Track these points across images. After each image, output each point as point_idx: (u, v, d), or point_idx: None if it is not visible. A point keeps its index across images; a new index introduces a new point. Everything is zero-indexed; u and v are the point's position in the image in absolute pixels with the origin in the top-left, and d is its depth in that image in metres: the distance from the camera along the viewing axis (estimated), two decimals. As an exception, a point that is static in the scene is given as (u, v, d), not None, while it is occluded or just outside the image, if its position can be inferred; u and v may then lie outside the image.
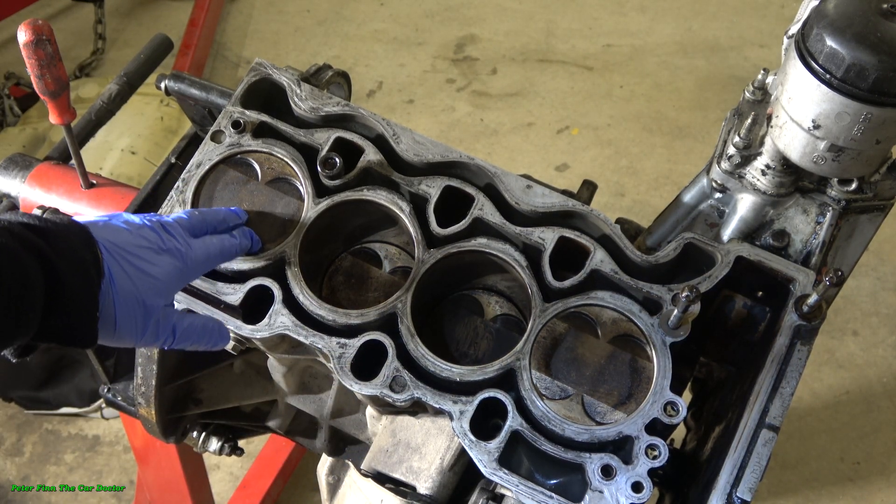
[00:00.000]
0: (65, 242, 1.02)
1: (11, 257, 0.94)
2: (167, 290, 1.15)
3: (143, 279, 1.11)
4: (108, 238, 1.10)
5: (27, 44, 1.38)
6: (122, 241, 1.12)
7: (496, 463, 1.22)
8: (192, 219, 1.26)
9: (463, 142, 4.00)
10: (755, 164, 1.39)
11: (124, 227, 1.15)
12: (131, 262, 1.11)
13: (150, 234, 1.17)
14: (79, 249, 1.04)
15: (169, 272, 1.15)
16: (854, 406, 3.14)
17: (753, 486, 1.19)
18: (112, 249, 1.09)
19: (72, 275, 1.00)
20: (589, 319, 1.32)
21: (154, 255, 1.14)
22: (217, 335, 1.25)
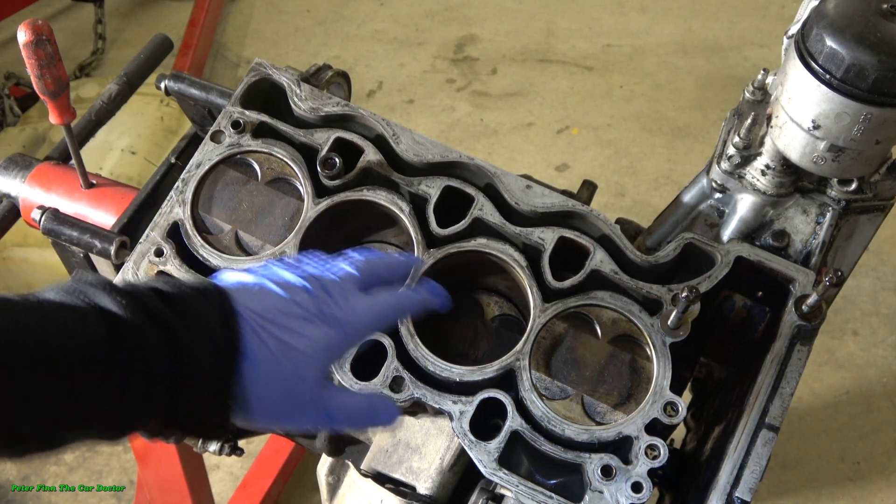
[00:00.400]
0: (197, 315, 0.87)
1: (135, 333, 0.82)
2: (320, 367, 0.96)
3: (289, 355, 0.92)
4: (251, 306, 0.92)
5: (27, 44, 1.38)
6: (269, 310, 0.92)
7: (496, 463, 1.22)
8: (361, 273, 1.03)
9: (463, 142, 4.00)
10: (755, 165, 1.39)
11: (275, 292, 0.95)
12: (276, 336, 0.91)
13: (306, 298, 0.96)
14: (213, 324, 0.88)
15: (324, 345, 0.95)
16: (854, 406, 3.13)
17: (753, 486, 1.19)
18: (254, 320, 0.91)
19: (199, 354, 0.86)
20: (589, 319, 1.32)
21: (306, 325, 0.94)
22: (384, 415, 1.05)
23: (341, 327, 0.97)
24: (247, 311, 0.91)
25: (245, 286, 0.95)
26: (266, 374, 0.90)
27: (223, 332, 0.88)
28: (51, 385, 0.77)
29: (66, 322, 0.80)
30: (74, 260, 1.61)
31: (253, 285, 0.96)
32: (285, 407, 0.94)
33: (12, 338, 0.77)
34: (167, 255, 1.36)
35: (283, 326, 0.92)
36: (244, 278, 0.97)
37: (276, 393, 0.92)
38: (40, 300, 0.83)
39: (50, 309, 0.82)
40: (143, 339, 0.82)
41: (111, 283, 0.86)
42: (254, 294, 0.94)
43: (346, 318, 0.98)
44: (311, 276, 0.99)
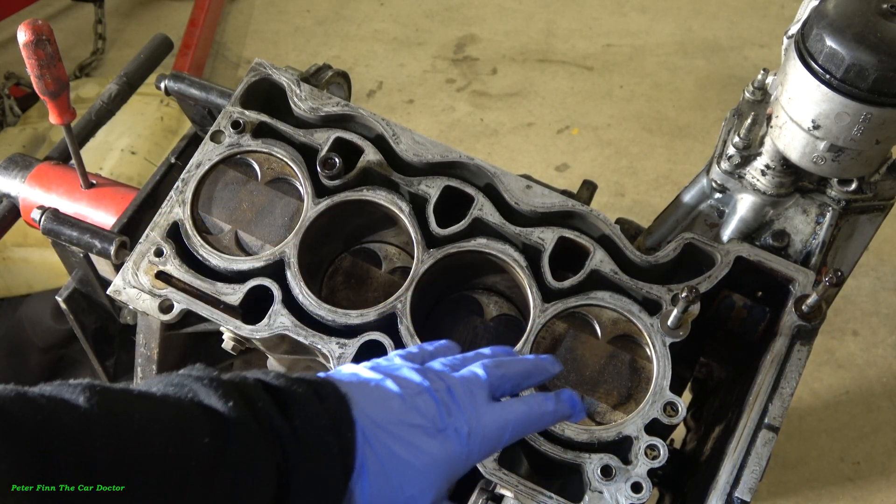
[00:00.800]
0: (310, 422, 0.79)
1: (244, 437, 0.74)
2: (435, 486, 0.85)
3: (405, 473, 0.83)
4: (370, 414, 0.83)
5: (27, 44, 1.38)
6: (389, 420, 0.83)
7: (496, 463, 1.22)
8: (490, 378, 0.93)
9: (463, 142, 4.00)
10: (755, 165, 1.39)
11: (396, 395, 0.85)
12: (393, 451, 0.82)
13: (430, 405, 0.86)
14: (326, 435, 0.79)
15: (442, 461, 0.85)
16: (854, 406, 3.13)
17: (753, 486, 1.19)
18: (371, 432, 0.82)
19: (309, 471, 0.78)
20: (588, 319, 1.32)
21: (426, 439, 0.84)
22: None
23: (463, 442, 0.87)
24: (364, 419, 0.82)
25: (363, 383, 0.87)
26: (378, 492, 0.83)
27: (337, 447, 0.80)
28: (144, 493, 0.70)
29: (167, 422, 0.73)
30: (74, 260, 1.61)
31: (372, 383, 0.87)
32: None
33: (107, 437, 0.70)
34: (167, 255, 1.36)
35: (402, 440, 0.83)
36: (363, 373, 0.89)
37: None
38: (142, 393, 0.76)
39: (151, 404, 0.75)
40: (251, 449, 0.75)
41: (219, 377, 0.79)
42: (372, 395, 0.85)
43: (469, 431, 0.88)
44: (436, 377, 0.90)
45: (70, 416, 0.69)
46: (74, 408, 0.70)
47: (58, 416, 0.68)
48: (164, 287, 1.34)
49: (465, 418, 0.88)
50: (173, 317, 1.33)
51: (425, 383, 0.88)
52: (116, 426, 0.71)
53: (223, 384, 0.78)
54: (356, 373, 0.89)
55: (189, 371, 0.82)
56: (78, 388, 0.72)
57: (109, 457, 0.69)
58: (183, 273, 1.35)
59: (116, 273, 1.38)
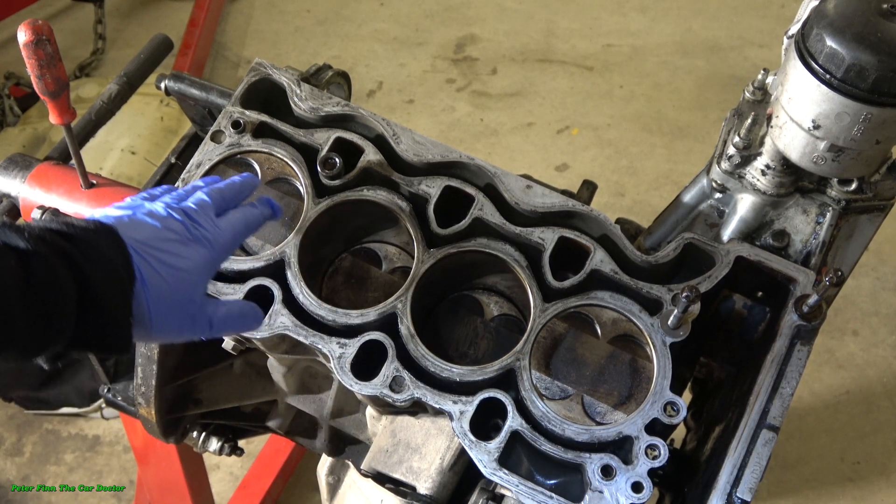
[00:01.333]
0: (94, 247, 0.98)
1: (44, 264, 0.92)
2: (199, 282, 1.11)
3: (174, 275, 1.06)
4: (134, 236, 1.04)
5: (27, 44, 1.38)
6: (149, 238, 1.06)
7: (496, 463, 1.22)
8: (213, 199, 1.19)
9: (463, 142, 4.00)
10: (755, 165, 1.39)
11: (150, 222, 1.09)
12: (161, 259, 1.05)
13: (177, 224, 1.10)
14: (108, 253, 1.00)
15: (199, 262, 1.10)
16: (854, 406, 3.13)
17: (753, 486, 1.19)
18: (140, 249, 1.04)
19: (103, 281, 0.96)
20: (589, 319, 1.32)
21: (182, 248, 1.09)
22: (253, 318, 1.21)
23: (212, 246, 1.12)
24: (132, 241, 1.03)
25: (122, 220, 1.07)
26: (158, 292, 1.03)
27: (118, 260, 1.00)
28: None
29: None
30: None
31: (127, 219, 1.08)
32: (176, 321, 1.07)
33: None
34: (167, 255, 1.35)
35: (166, 251, 1.06)
36: (117, 213, 1.09)
37: (167, 309, 1.05)
38: None
39: None
40: (51, 270, 0.92)
41: (17, 225, 0.96)
42: (135, 225, 1.07)
43: (213, 237, 1.13)
44: (174, 206, 1.13)
45: None
46: None
47: None
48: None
49: (206, 229, 1.13)
50: (173, 317, 1.33)
51: (168, 211, 1.11)
52: None
53: (20, 229, 0.95)
54: (109, 214, 1.09)
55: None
56: None
57: None
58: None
59: (117, 273, 1.38)
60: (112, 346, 1.00)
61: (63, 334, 0.94)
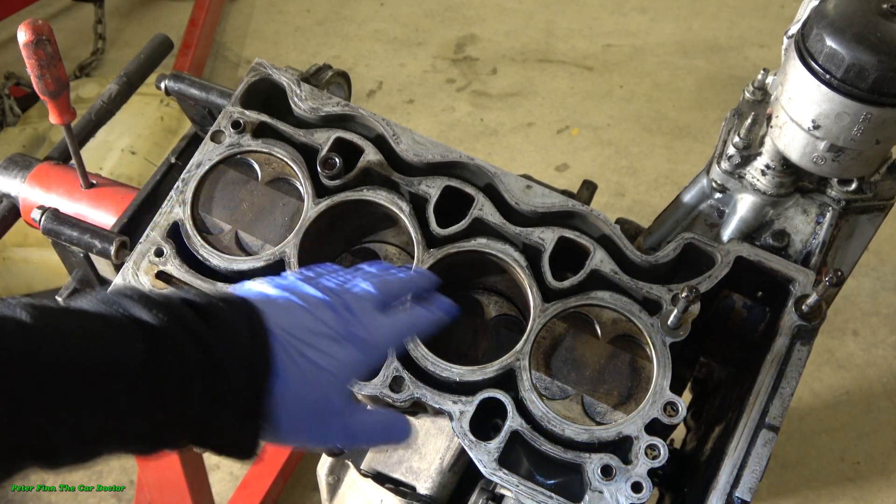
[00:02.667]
0: (232, 331, 0.86)
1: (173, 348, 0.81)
2: (342, 386, 0.95)
3: (317, 375, 0.91)
4: (281, 323, 0.91)
5: (27, 44, 1.38)
6: (297, 327, 0.92)
7: (496, 463, 1.22)
8: (379, 292, 1.04)
9: (463, 142, 4.00)
10: (755, 165, 1.39)
11: (301, 306, 0.95)
12: (305, 355, 0.91)
13: (331, 317, 0.96)
14: (246, 340, 0.87)
15: (348, 364, 0.95)
16: (854, 406, 3.13)
17: (753, 486, 1.19)
18: (284, 339, 0.90)
19: (237, 373, 0.84)
20: (589, 319, 1.32)
21: (332, 345, 0.94)
22: (400, 432, 1.04)
23: (365, 347, 0.97)
24: (277, 328, 0.90)
25: (271, 300, 0.94)
26: (296, 394, 0.90)
27: (256, 350, 0.87)
28: (88, 397, 0.76)
29: (103, 333, 0.79)
30: (74, 260, 1.61)
31: (279, 299, 0.95)
32: (311, 426, 0.93)
33: (53, 347, 0.76)
34: (167, 255, 1.36)
35: (312, 345, 0.92)
36: (268, 291, 0.96)
37: (304, 412, 0.91)
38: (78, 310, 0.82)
39: (88, 319, 0.81)
40: (180, 353, 0.81)
41: (146, 294, 0.86)
42: (281, 309, 0.93)
43: (369, 338, 0.98)
44: (333, 293, 0.99)
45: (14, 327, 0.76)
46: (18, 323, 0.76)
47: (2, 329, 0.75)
48: (165, 287, 1.34)
49: (362, 328, 0.98)
50: (173, 317, 1.33)
51: (325, 297, 0.97)
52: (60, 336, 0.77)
53: (150, 300, 0.85)
54: (262, 291, 0.96)
55: (116, 289, 0.90)
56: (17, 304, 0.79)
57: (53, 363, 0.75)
58: (183, 273, 1.35)
59: (116, 273, 1.38)
60: (238, 448, 0.88)
61: (185, 430, 0.83)
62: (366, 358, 0.98)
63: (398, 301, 1.09)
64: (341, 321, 0.96)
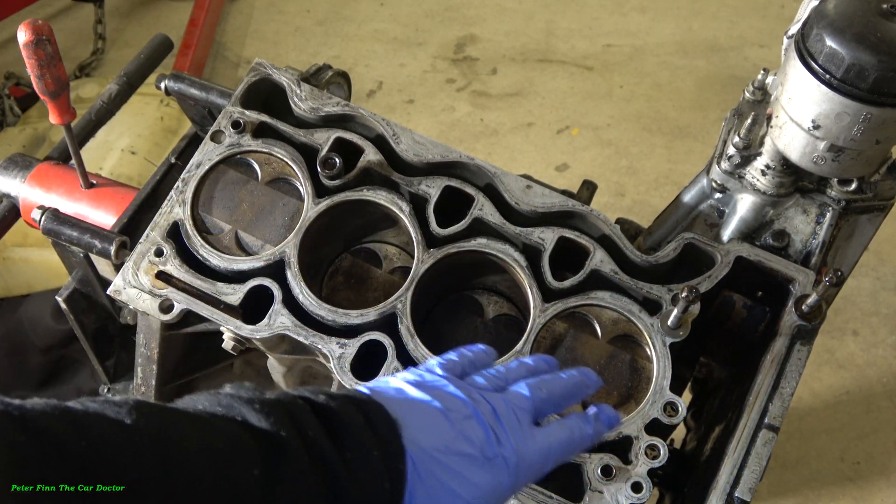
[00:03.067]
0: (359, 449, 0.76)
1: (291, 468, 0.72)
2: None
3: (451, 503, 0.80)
4: (419, 441, 0.80)
5: (27, 44, 1.38)
6: (438, 448, 0.81)
7: (496, 463, 1.22)
8: (534, 399, 0.91)
9: (463, 142, 3.99)
10: (755, 165, 1.39)
11: (444, 417, 0.83)
12: (443, 482, 0.79)
13: (478, 432, 0.83)
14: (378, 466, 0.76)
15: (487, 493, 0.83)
16: (854, 406, 3.13)
17: (753, 486, 1.19)
18: (420, 461, 0.79)
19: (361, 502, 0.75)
20: (589, 319, 1.32)
21: (474, 470, 0.82)
22: None
23: (509, 472, 0.85)
24: (413, 447, 0.80)
25: (410, 403, 0.84)
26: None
27: (388, 479, 0.78)
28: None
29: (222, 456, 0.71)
30: (74, 260, 1.61)
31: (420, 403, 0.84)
32: None
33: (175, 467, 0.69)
34: (167, 255, 1.36)
35: (451, 469, 0.81)
36: (409, 391, 0.86)
37: None
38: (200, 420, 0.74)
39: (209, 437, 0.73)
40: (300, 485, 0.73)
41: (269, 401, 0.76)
42: (420, 418, 0.82)
43: (515, 460, 0.86)
44: (483, 399, 0.87)
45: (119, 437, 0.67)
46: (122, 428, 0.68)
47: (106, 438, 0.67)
48: (165, 287, 1.34)
49: (512, 447, 0.86)
50: (173, 317, 1.33)
51: (472, 406, 0.85)
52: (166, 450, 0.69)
53: (274, 409, 0.76)
54: (402, 389, 0.86)
55: (237, 391, 0.80)
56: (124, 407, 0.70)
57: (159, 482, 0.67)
58: (183, 273, 1.35)
59: (116, 273, 1.38)
60: None
61: None
62: (509, 484, 0.86)
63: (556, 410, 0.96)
64: (488, 439, 0.84)
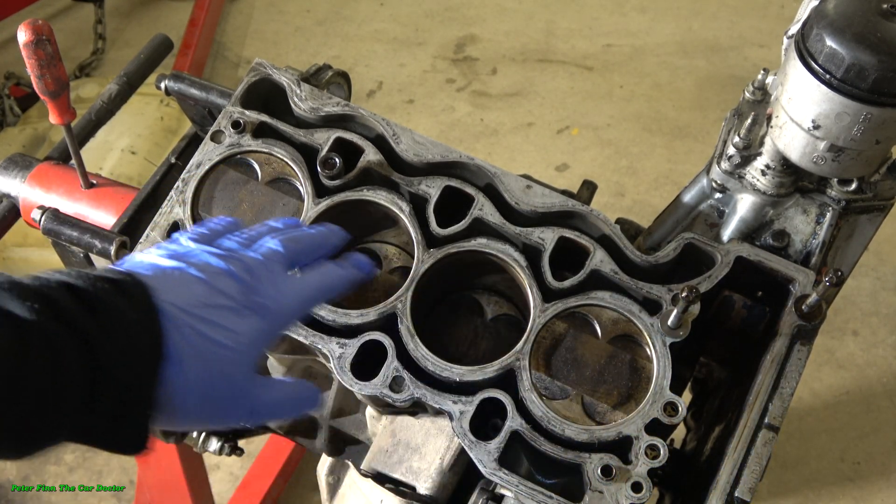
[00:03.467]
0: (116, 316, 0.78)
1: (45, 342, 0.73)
2: (246, 360, 0.87)
3: (216, 354, 0.84)
4: (174, 300, 0.83)
5: (27, 44, 1.38)
6: (194, 303, 0.84)
7: (496, 463, 1.22)
8: (287, 251, 0.96)
9: (463, 142, 4.00)
10: (755, 165, 1.39)
11: (197, 278, 0.86)
12: (203, 333, 0.83)
13: (232, 286, 0.87)
14: (132, 325, 0.78)
15: (251, 338, 0.87)
16: (854, 406, 3.13)
17: (753, 486, 1.19)
18: (178, 318, 0.82)
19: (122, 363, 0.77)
20: (589, 319, 1.32)
21: (233, 318, 0.86)
22: (309, 401, 0.98)
23: (269, 316, 0.90)
24: (169, 307, 0.82)
25: (164, 272, 0.86)
26: (193, 378, 0.82)
27: (145, 336, 0.80)
28: None
29: None
30: (74, 260, 1.61)
31: (173, 271, 0.87)
32: (210, 407, 0.86)
33: None
34: (167, 255, 1.35)
35: (209, 321, 0.84)
36: (161, 262, 0.88)
37: (203, 396, 0.84)
38: None
39: None
40: (53, 350, 0.73)
41: (19, 283, 0.78)
42: (175, 283, 0.85)
43: (274, 305, 0.91)
44: (234, 257, 0.91)
45: None
46: None
47: None
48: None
49: (268, 294, 0.90)
50: (173, 317, 1.33)
51: (224, 264, 0.89)
52: None
53: (23, 288, 0.76)
54: (154, 263, 0.88)
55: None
56: None
57: None
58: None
59: (116, 273, 1.38)
60: (123, 444, 0.81)
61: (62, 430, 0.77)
62: (271, 327, 0.90)
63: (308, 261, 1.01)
64: (243, 289, 0.88)
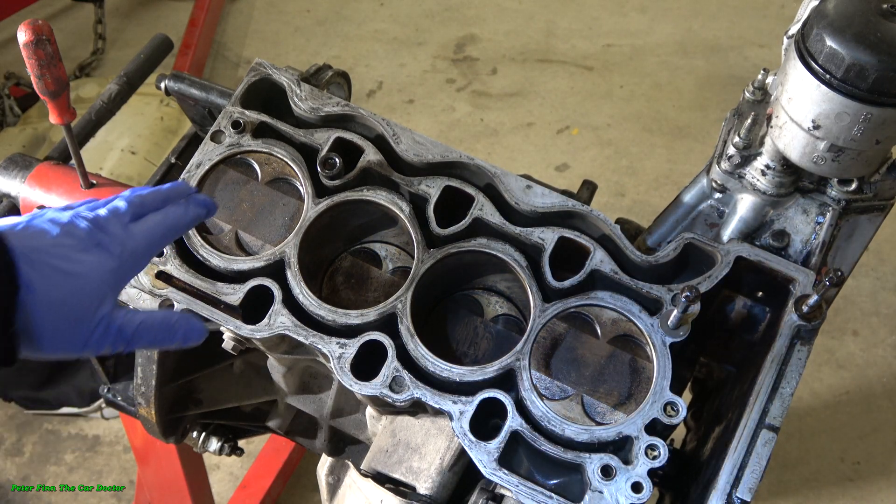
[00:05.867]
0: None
1: None
2: (103, 291, 1.00)
3: (69, 283, 0.96)
4: (26, 243, 0.95)
5: (27, 44, 1.38)
6: (43, 244, 0.97)
7: (496, 463, 1.22)
8: (131, 206, 1.08)
9: (463, 142, 4.00)
10: (755, 165, 1.39)
11: (47, 228, 0.99)
12: (54, 266, 0.95)
13: (79, 231, 1.01)
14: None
15: (101, 269, 1.00)
16: (854, 406, 3.13)
17: (753, 486, 1.19)
18: (31, 255, 0.94)
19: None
20: (589, 319, 1.32)
21: (81, 254, 0.99)
22: (185, 330, 1.09)
23: (118, 251, 1.02)
24: (22, 248, 0.94)
25: (19, 227, 0.98)
26: (49, 303, 0.94)
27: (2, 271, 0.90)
28: None
29: None
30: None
31: (27, 226, 0.99)
32: (71, 331, 0.97)
33: None
34: (167, 255, 1.36)
35: (60, 257, 0.96)
36: (19, 220, 1.00)
37: (62, 321, 0.95)
38: None
39: None
40: None
41: None
42: (29, 232, 0.97)
43: (122, 242, 1.03)
44: (80, 213, 1.03)
45: None
46: None
47: None
48: (165, 287, 1.34)
49: (113, 235, 1.02)
50: (173, 317, 1.33)
51: (72, 218, 1.01)
52: None
53: None
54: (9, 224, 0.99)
55: None
56: None
57: None
58: (183, 273, 1.35)
59: (116, 273, 1.38)
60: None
61: None
62: (119, 261, 1.02)
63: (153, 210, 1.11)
64: (90, 232, 1.00)
